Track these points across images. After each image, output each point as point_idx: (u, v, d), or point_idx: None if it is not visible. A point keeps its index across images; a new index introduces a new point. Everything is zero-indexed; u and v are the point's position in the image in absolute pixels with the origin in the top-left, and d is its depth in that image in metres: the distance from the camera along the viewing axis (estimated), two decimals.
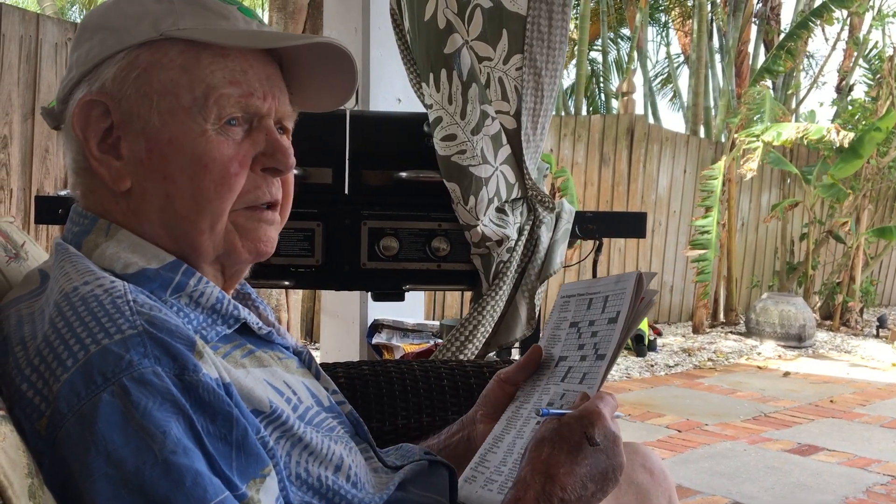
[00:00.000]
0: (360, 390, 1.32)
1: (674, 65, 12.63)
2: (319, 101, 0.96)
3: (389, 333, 2.83)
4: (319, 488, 0.81)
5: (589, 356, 0.96)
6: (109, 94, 0.82)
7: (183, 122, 0.81)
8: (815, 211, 8.06)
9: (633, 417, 4.21)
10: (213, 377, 0.71)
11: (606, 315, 0.97)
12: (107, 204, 0.84)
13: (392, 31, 2.05)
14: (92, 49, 0.83)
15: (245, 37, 0.85)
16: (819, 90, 16.06)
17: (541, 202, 1.92)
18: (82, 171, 0.85)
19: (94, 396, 0.65)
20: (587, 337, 0.98)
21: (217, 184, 0.81)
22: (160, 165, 0.81)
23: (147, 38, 0.82)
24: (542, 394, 0.99)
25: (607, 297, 0.98)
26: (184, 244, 0.83)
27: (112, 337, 0.68)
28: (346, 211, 1.87)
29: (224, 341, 0.83)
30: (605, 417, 0.84)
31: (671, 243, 8.03)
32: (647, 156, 7.73)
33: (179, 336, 0.71)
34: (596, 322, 0.98)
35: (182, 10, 0.84)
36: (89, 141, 0.82)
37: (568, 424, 0.84)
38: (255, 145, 0.85)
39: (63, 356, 0.68)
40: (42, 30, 4.60)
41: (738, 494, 3.03)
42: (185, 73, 0.82)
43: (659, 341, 6.64)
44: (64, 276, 0.76)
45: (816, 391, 5.09)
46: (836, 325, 7.89)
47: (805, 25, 7.87)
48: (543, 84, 1.88)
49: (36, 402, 0.68)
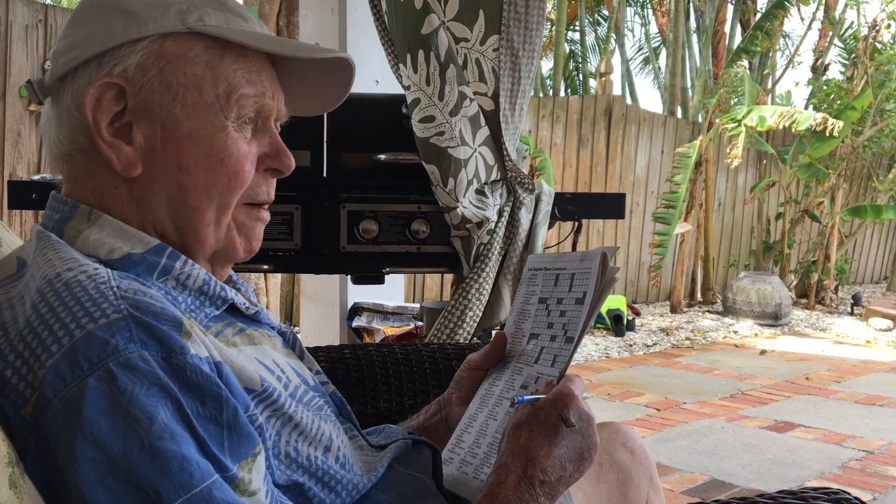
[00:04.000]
0: (342, 373, 1.32)
1: (651, 45, 12.64)
2: (305, 106, 0.98)
3: (370, 316, 2.83)
4: (309, 467, 0.82)
5: (559, 337, 0.97)
6: (129, 80, 0.81)
7: (204, 117, 0.82)
8: (790, 190, 8.13)
9: (612, 397, 4.25)
10: (202, 356, 0.71)
11: (573, 295, 0.98)
12: (104, 188, 0.83)
13: (369, 12, 2.04)
14: (110, 30, 0.81)
15: (274, 42, 0.88)
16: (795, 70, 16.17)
17: (520, 183, 1.92)
18: (79, 152, 0.83)
19: (80, 382, 0.65)
20: (556, 316, 0.99)
21: (230, 178, 0.84)
22: (176, 156, 0.82)
23: (173, 29, 0.82)
24: (513, 373, 1.01)
25: (573, 276, 0.99)
26: (188, 234, 0.84)
27: (97, 322, 0.68)
28: (324, 194, 1.86)
29: (215, 321, 0.83)
30: (577, 399, 0.86)
31: (649, 224, 8.07)
32: (626, 137, 7.75)
33: (165, 318, 0.70)
34: (564, 301, 0.99)
35: (201, 4, 0.84)
36: (100, 123, 0.81)
37: (543, 408, 0.86)
38: (261, 145, 0.88)
39: (48, 342, 0.67)
40: (12, 11, 4.52)
41: (716, 471, 3.06)
42: (209, 70, 0.83)
43: (637, 321, 6.69)
44: (46, 263, 0.75)
45: (792, 368, 5.16)
46: (811, 303, 7.99)
47: (781, 5, 7.90)
48: (521, 65, 1.87)
49: (21, 388, 0.67)
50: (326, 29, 2.80)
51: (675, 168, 7.06)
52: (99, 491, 0.63)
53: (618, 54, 11.00)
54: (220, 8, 0.86)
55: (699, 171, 7.35)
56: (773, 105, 7.54)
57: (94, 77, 0.81)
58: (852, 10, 9.78)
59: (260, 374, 0.79)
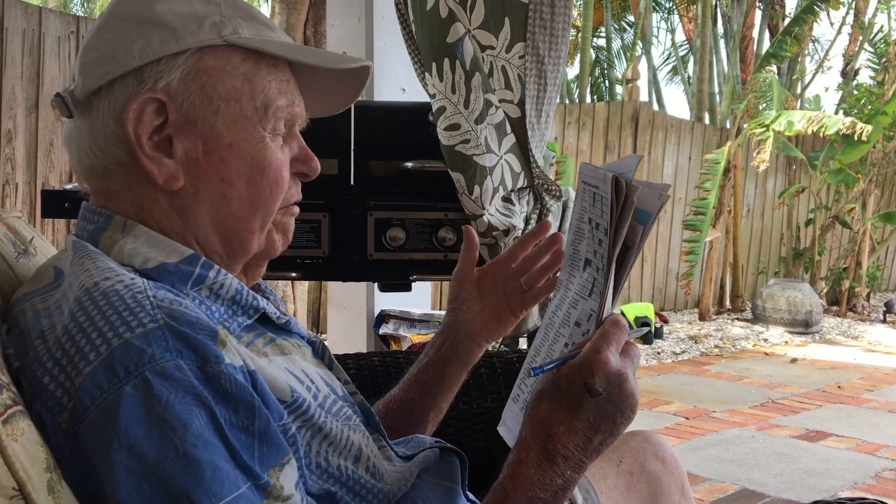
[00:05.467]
0: (371, 381, 1.32)
1: (678, 52, 12.57)
2: (313, 108, 0.98)
3: (396, 324, 2.83)
4: (339, 477, 0.82)
5: (602, 269, 0.85)
6: (172, 94, 0.81)
7: (244, 129, 0.84)
8: (820, 196, 8.04)
9: (640, 405, 4.21)
10: (237, 365, 0.71)
11: (605, 221, 0.84)
12: (142, 200, 0.83)
13: (396, 20, 2.04)
14: (147, 44, 0.81)
15: (308, 53, 0.91)
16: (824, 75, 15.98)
17: (547, 190, 1.91)
18: (117, 165, 0.83)
19: (116, 389, 0.66)
20: (595, 244, 0.88)
21: (272, 187, 0.86)
22: (218, 168, 0.83)
23: (210, 42, 0.83)
24: (570, 307, 0.92)
25: (602, 198, 0.84)
26: (233, 243, 0.86)
27: (134, 331, 0.68)
28: (352, 202, 1.87)
29: (246, 331, 0.83)
30: (606, 361, 0.79)
31: (676, 231, 8.01)
32: (652, 143, 7.71)
33: (200, 327, 0.71)
34: (600, 226, 0.86)
35: (232, 15, 0.85)
36: (141, 137, 0.81)
37: (567, 377, 0.81)
38: (291, 151, 0.90)
39: (85, 349, 0.68)
40: (45, 23, 4.60)
41: (746, 481, 3.03)
42: (247, 82, 0.84)
43: (665, 328, 6.64)
44: (84, 272, 0.76)
45: (824, 377, 5.09)
46: (842, 310, 7.87)
47: (810, 10, 7.83)
48: (546, 72, 1.87)
49: (58, 395, 0.68)
50: (353, 38, 2.81)
51: (704, 174, 7.01)
52: (134, 497, 0.64)
53: (644, 60, 10.95)
54: (249, 19, 0.86)
55: (728, 177, 7.28)
56: (802, 110, 7.45)
57: (135, 92, 0.81)
58: (883, 13, 9.68)
59: (290, 385, 0.79)
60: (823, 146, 7.76)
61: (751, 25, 9.30)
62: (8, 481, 0.59)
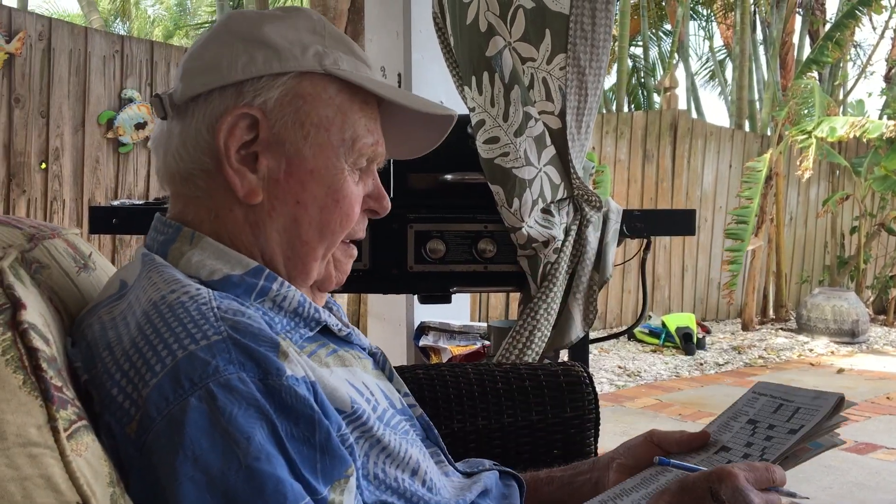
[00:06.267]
0: (416, 393, 1.32)
1: (717, 58, 12.45)
2: (393, 150, 1.01)
3: (436, 336, 2.84)
4: (397, 488, 0.82)
5: (753, 457, 0.93)
6: (267, 113, 0.84)
7: (328, 158, 0.86)
8: (865, 203, 7.88)
9: (683, 417, 4.16)
10: (299, 376, 0.72)
11: (790, 425, 0.95)
12: (219, 209, 0.86)
13: (434, 34, 2.06)
14: (251, 61, 0.84)
15: (402, 95, 0.92)
16: (867, 80, 15.71)
17: (587, 201, 1.90)
18: (202, 172, 0.85)
19: (182, 401, 0.67)
20: (760, 439, 0.96)
21: (342, 218, 0.88)
22: (296, 190, 0.85)
23: (311, 69, 0.86)
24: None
25: (798, 409, 0.97)
26: (295, 265, 0.87)
27: (198, 343, 0.70)
28: (392, 214, 1.87)
29: (309, 341, 0.85)
30: (737, 476, 0.80)
31: (717, 239, 7.92)
32: (691, 151, 7.63)
33: (263, 339, 0.72)
34: (776, 427, 0.97)
35: (334, 47, 0.88)
36: (230, 149, 0.84)
37: (695, 479, 0.82)
38: (366, 187, 0.92)
39: (152, 361, 0.70)
40: (90, 43, 4.71)
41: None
42: (339, 114, 0.87)
43: (707, 339, 6.55)
44: (152, 286, 0.78)
45: (872, 388, 4.98)
46: (889, 319, 7.71)
47: (852, 14, 7.70)
48: (587, 83, 1.87)
49: (126, 406, 0.70)
50: (391, 52, 2.83)
51: (746, 182, 6.92)
52: None
53: (682, 68, 10.87)
54: (349, 53, 0.89)
55: (770, 185, 7.18)
56: (845, 116, 7.33)
57: (232, 105, 0.84)
58: None
59: (350, 396, 0.80)
60: (867, 152, 7.62)
61: (791, 31, 9.17)
62: (73, 496, 0.60)
